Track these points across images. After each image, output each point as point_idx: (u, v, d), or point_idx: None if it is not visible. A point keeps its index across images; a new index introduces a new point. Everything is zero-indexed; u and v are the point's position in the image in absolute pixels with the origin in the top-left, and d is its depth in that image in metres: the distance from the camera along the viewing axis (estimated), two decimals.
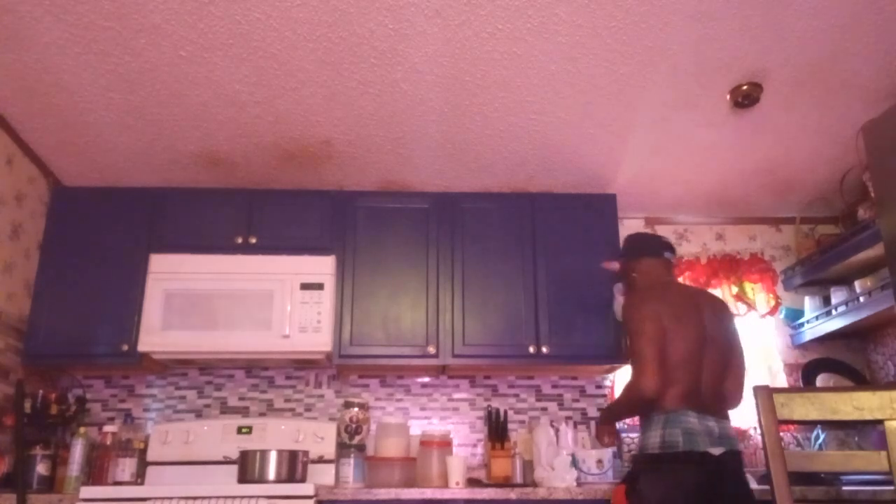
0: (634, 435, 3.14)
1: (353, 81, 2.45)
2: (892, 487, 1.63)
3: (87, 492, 2.28)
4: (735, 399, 2.30)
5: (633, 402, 2.20)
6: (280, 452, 2.55)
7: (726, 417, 2.22)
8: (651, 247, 2.49)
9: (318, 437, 2.89)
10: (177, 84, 2.45)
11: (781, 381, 3.20)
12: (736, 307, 3.28)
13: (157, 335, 2.74)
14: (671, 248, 2.52)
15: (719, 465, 2.06)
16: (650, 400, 2.12)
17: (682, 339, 2.18)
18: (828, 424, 3.11)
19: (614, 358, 2.91)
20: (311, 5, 2.09)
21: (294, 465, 2.56)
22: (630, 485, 2.14)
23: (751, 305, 3.29)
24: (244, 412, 3.09)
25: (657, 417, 2.13)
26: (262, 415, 3.09)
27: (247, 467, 2.53)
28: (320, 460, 2.85)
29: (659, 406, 2.13)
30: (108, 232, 2.94)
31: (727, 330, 2.31)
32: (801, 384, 3.21)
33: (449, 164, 2.99)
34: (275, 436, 2.89)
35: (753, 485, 2.79)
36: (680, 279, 2.59)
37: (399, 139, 2.80)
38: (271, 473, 2.52)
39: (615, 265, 2.67)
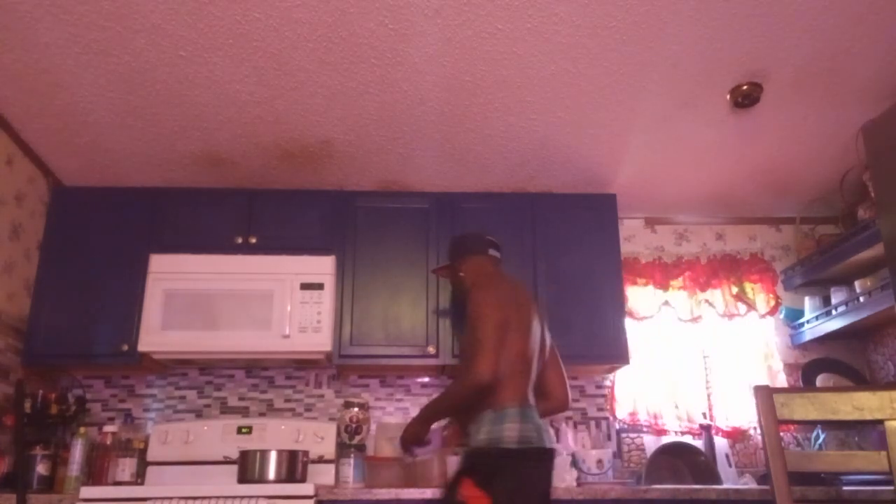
0: (634, 435, 3.14)
1: (353, 81, 2.45)
2: (892, 487, 1.63)
3: (87, 492, 2.28)
4: (567, 402, 2.30)
5: (465, 391, 2.05)
6: (280, 452, 2.55)
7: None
8: (475, 245, 2.45)
9: (318, 437, 2.89)
10: (177, 84, 2.45)
11: (781, 381, 3.20)
12: (736, 307, 3.29)
13: (157, 335, 2.74)
14: (496, 246, 2.47)
15: (550, 460, 2.10)
16: (486, 387, 2.01)
17: (523, 330, 2.15)
18: (828, 424, 3.11)
19: (614, 358, 2.91)
20: (311, 5, 2.09)
21: (294, 465, 2.56)
22: (483, 478, 1.97)
23: (751, 305, 3.29)
24: (244, 412, 3.09)
25: (512, 410, 2.03)
26: (262, 415, 3.09)
27: (247, 467, 2.54)
28: (320, 460, 2.85)
29: (512, 398, 2.05)
30: (108, 232, 2.94)
31: (546, 328, 2.31)
32: (801, 384, 3.21)
33: (449, 164, 3.00)
34: (275, 436, 2.89)
35: (753, 484, 2.80)
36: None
37: (399, 139, 2.80)
38: (271, 473, 2.52)
39: (442, 270, 2.64)
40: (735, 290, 3.32)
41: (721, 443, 3.12)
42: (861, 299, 2.88)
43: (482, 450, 2.02)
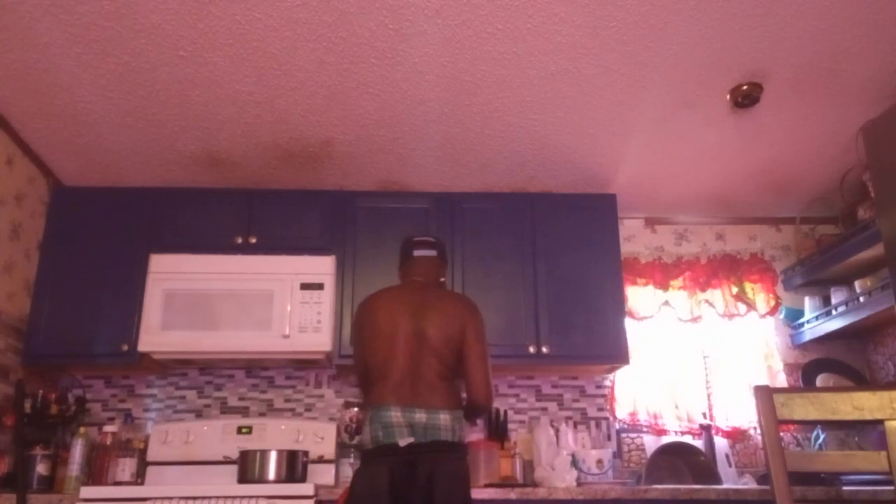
0: (634, 435, 3.15)
1: (353, 81, 2.45)
2: (892, 487, 1.63)
3: (87, 492, 2.28)
4: (477, 396, 2.28)
5: None
6: (280, 452, 2.55)
7: (443, 409, 2.19)
8: (404, 250, 2.52)
9: (318, 437, 2.89)
10: (177, 84, 2.45)
11: (781, 381, 3.20)
12: (736, 307, 3.29)
13: (157, 335, 2.74)
14: (426, 245, 2.49)
15: (409, 455, 2.11)
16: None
17: (386, 337, 2.26)
18: (828, 424, 3.11)
19: (614, 358, 2.91)
20: (311, 5, 2.09)
21: (294, 465, 2.56)
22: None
23: (751, 305, 3.29)
24: (244, 412, 3.09)
25: (369, 414, 2.21)
26: (262, 415, 3.09)
27: (247, 467, 2.54)
28: (320, 460, 2.85)
29: (369, 403, 2.24)
30: (108, 232, 2.94)
31: (452, 328, 2.28)
32: (801, 384, 3.21)
33: (449, 164, 2.99)
34: (275, 436, 2.89)
35: (753, 484, 2.80)
36: (444, 280, 2.57)
37: (399, 139, 2.80)
38: (271, 473, 2.52)
39: None
40: (735, 290, 3.32)
41: (721, 443, 3.12)
42: (861, 299, 2.88)
43: None
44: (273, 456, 2.54)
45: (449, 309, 2.32)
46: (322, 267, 2.87)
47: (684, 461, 2.92)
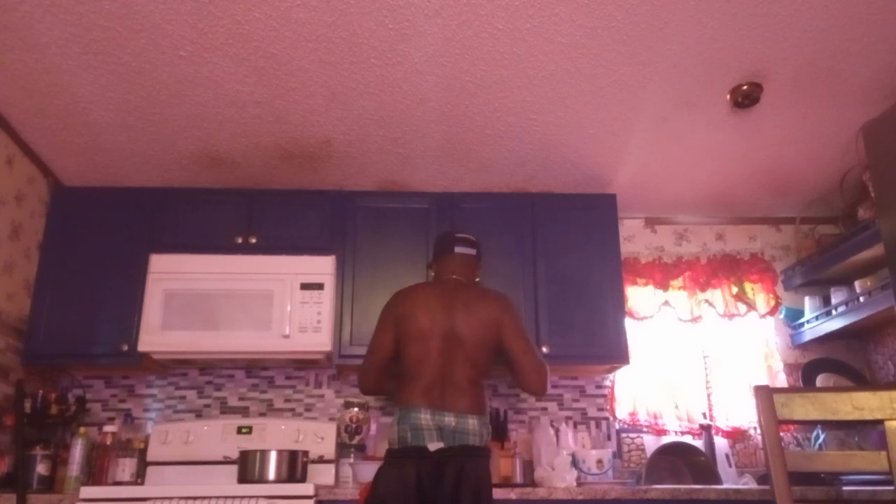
0: (634, 435, 3.15)
1: (353, 81, 2.45)
2: (892, 487, 1.63)
3: (87, 492, 2.28)
4: (532, 388, 2.32)
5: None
6: (280, 452, 2.55)
7: (472, 414, 2.20)
8: (444, 245, 2.52)
9: (318, 437, 2.89)
10: (177, 84, 2.45)
11: (781, 381, 3.20)
12: (736, 307, 3.29)
13: (157, 335, 2.74)
14: (467, 243, 2.51)
15: (438, 460, 2.12)
16: (366, 395, 2.49)
17: (419, 338, 2.27)
18: (828, 424, 3.11)
19: (614, 358, 2.91)
20: (311, 5, 2.09)
21: (294, 465, 2.56)
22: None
23: (751, 305, 3.29)
24: (244, 412, 3.09)
25: (397, 414, 2.21)
26: (262, 415, 3.09)
27: (247, 467, 2.54)
28: (320, 460, 2.85)
29: (400, 402, 2.23)
30: (108, 232, 2.94)
31: (487, 331, 2.30)
32: (801, 384, 3.21)
33: (449, 164, 2.99)
34: (275, 436, 2.89)
35: (753, 484, 2.80)
36: (477, 279, 2.55)
37: (399, 139, 2.80)
38: (271, 473, 2.52)
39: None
40: (735, 290, 3.32)
41: (721, 443, 3.12)
42: (861, 299, 2.88)
43: None
44: (273, 456, 2.54)
45: (483, 311, 2.33)
46: (322, 267, 2.87)
47: (684, 461, 2.92)
